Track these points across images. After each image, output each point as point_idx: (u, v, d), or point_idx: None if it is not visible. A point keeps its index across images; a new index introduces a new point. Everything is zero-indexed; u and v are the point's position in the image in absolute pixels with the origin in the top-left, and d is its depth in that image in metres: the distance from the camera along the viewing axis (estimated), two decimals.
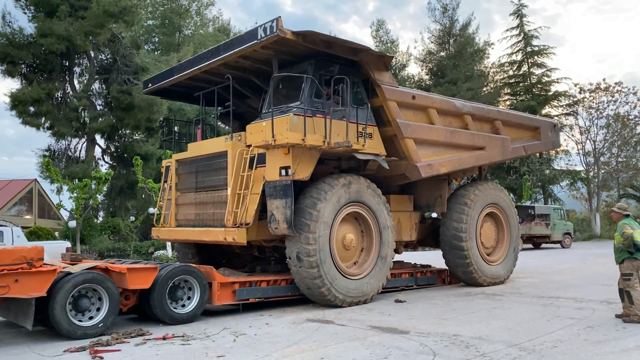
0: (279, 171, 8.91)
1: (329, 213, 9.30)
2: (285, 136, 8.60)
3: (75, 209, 21.36)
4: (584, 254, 24.14)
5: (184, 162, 11.07)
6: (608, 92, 40.07)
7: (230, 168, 9.57)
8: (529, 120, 14.39)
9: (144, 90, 12.37)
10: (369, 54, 9.96)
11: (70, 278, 7.30)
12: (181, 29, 40.57)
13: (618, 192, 45.65)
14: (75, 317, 7.41)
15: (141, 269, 8.09)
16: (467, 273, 11.99)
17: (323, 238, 9.15)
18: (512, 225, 13.04)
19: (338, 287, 9.34)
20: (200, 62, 10.27)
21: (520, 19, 43.51)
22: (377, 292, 10.18)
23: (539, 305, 9.51)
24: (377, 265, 10.08)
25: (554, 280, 13.21)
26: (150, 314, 8.40)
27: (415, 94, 11.04)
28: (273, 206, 8.92)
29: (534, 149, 14.54)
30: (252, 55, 9.67)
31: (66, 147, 30.15)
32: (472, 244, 11.83)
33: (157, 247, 27.26)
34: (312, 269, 9.02)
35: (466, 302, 10.06)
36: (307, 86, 9.50)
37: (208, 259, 11.51)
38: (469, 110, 12.17)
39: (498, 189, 13.07)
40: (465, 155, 11.82)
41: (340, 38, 9.63)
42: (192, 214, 10.68)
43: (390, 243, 10.31)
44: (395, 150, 10.65)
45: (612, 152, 41.03)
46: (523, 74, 44.07)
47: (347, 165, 10.56)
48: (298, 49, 9.40)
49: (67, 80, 28.97)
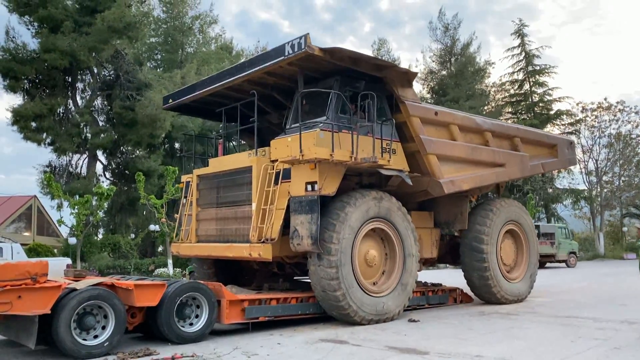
0: (305, 186, 8.84)
1: (356, 219, 9.22)
2: (314, 151, 8.57)
3: (76, 225, 21.04)
4: (591, 273, 23.82)
5: (206, 177, 10.96)
6: (610, 111, 40.17)
7: (255, 183, 9.50)
8: (546, 137, 14.40)
9: (164, 106, 12.36)
10: (394, 71, 10.00)
11: (75, 294, 6.99)
12: (184, 47, 40.66)
13: (621, 211, 45.46)
14: (80, 335, 7.07)
15: (149, 286, 7.78)
16: (488, 290, 11.83)
17: (347, 241, 9.02)
18: (532, 243, 12.89)
19: (354, 297, 9.11)
20: (224, 78, 10.27)
21: (521, 39, 43.76)
22: (393, 316, 9.87)
23: (557, 325, 9.21)
24: (396, 290, 9.88)
25: (567, 300, 12.92)
26: (156, 333, 8.07)
27: (438, 110, 11.04)
28: (297, 221, 8.82)
29: (552, 166, 14.46)
30: (277, 72, 9.72)
31: (67, 163, 29.97)
32: (494, 261, 11.67)
33: (157, 264, 26.90)
34: (331, 268, 8.85)
35: (482, 322, 9.74)
36: (334, 102, 9.52)
37: (225, 276, 11.40)
38: (490, 127, 12.17)
39: (518, 205, 12.93)
40: (486, 172, 11.77)
41: (367, 54, 9.71)
42: (214, 230, 10.55)
43: (413, 272, 10.12)
44: (417, 167, 10.58)
45: (615, 171, 40.93)
46: (525, 93, 44.18)
47: (369, 181, 10.46)
48: (323, 66, 9.45)
49: (69, 95, 28.90)
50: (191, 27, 41.14)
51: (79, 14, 26.62)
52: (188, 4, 40.77)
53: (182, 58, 39.15)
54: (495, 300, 11.97)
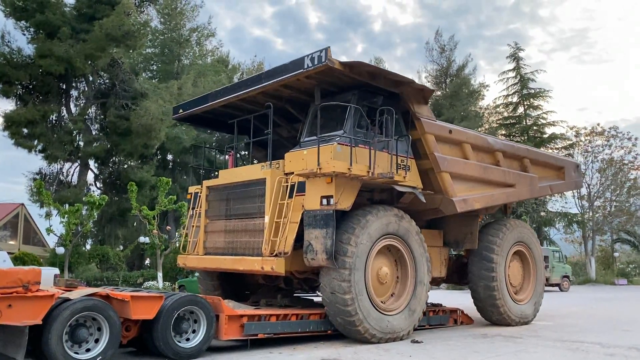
0: (320, 200, 8.69)
1: (376, 229, 9.16)
2: (332, 165, 8.50)
3: (65, 234, 20.52)
4: (586, 297, 23.63)
5: (216, 188, 10.76)
6: (603, 136, 40.47)
7: (268, 196, 9.33)
8: (554, 159, 14.43)
9: (174, 116, 12.16)
10: (410, 87, 9.92)
11: (68, 305, 6.60)
12: (180, 58, 40.54)
13: (611, 236, 45.55)
14: (72, 348, 6.66)
15: (146, 298, 7.40)
16: (496, 311, 11.72)
17: (363, 248, 8.95)
18: (538, 264, 12.82)
19: (365, 314, 8.90)
20: (239, 89, 10.13)
21: (516, 62, 44.11)
22: (402, 336, 9.67)
23: (565, 350, 8.93)
24: (403, 313, 9.70)
25: (569, 324, 12.69)
26: (151, 348, 7.67)
27: (452, 129, 11.01)
28: (312, 236, 8.65)
29: (559, 188, 14.58)
30: (294, 85, 9.65)
31: (58, 171, 29.43)
32: (502, 281, 11.60)
33: (146, 277, 26.38)
34: (344, 282, 8.68)
35: (487, 345, 9.45)
36: (351, 116, 9.45)
37: (230, 289, 11.26)
38: (501, 147, 12.17)
39: (525, 226, 12.90)
40: (497, 192, 11.74)
41: (386, 70, 9.64)
42: (222, 242, 10.34)
43: (421, 300, 9.98)
44: (430, 184, 10.49)
45: (606, 197, 41.08)
46: (519, 116, 44.39)
47: (380, 197, 10.34)
48: (341, 80, 9.38)
49: (63, 103, 28.50)
50: (188, 39, 41.13)
51: (76, 21, 26.36)
52: (186, 16, 40.82)
53: (178, 69, 39.03)
54: (501, 321, 11.83)
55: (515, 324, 11.91)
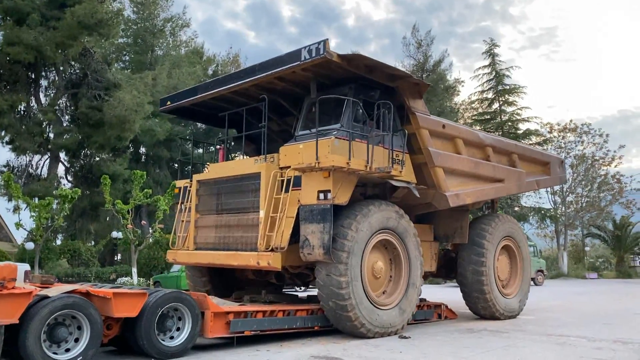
0: (317, 195, 8.63)
1: (377, 219, 9.21)
2: (331, 159, 8.40)
3: (35, 229, 19.77)
4: (561, 291, 24.00)
5: (206, 183, 10.56)
6: (575, 132, 41.19)
7: (263, 190, 9.22)
8: (540, 155, 14.69)
9: (160, 108, 11.92)
10: (406, 81, 9.88)
11: (47, 303, 6.21)
12: (154, 49, 39.60)
13: (582, 231, 46.49)
14: (50, 349, 6.28)
15: (128, 294, 7.06)
16: (485, 305, 11.81)
17: (362, 237, 8.95)
18: (525, 258, 13.01)
19: (362, 308, 8.92)
20: (231, 81, 9.99)
21: (492, 58, 44.51)
22: (397, 330, 9.71)
23: (553, 344, 8.93)
24: (393, 310, 9.68)
25: (551, 318, 12.80)
26: (134, 347, 7.33)
27: (445, 123, 11.06)
28: (308, 230, 8.62)
29: (545, 183, 14.81)
30: (288, 77, 9.53)
31: (27, 164, 28.37)
32: (491, 275, 11.72)
33: (119, 273, 25.74)
34: (341, 276, 8.68)
35: (474, 340, 9.39)
36: (349, 109, 9.36)
37: (219, 284, 11.17)
38: (491, 143, 12.28)
39: (513, 221, 13.03)
40: (487, 186, 11.84)
41: (384, 63, 9.51)
42: (213, 237, 10.18)
43: (412, 301, 10.02)
44: (422, 179, 10.51)
45: (577, 192, 41.85)
46: (494, 111, 44.84)
47: (372, 192, 10.31)
48: (337, 73, 9.28)
49: (32, 93, 27.44)
50: (162, 30, 40.19)
51: (46, 7, 25.32)
52: (160, 6, 39.87)
53: (152, 60, 38.10)
54: (489, 315, 11.94)
55: (503, 317, 12.00)
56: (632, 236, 43.91)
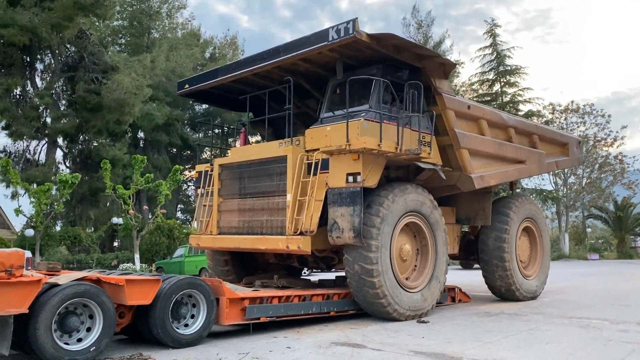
0: (346, 177, 8.49)
1: (412, 200, 9.25)
2: (362, 141, 8.28)
3: (35, 215, 19.38)
4: (566, 273, 23.83)
5: (229, 167, 10.47)
6: (578, 113, 40.83)
7: (290, 173, 9.11)
8: (559, 135, 14.64)
9: (178, 91, 11.67)
10: (433, 61, 9.64)
11: (57, 291, 5.88)
12: (150, 31, 38.88)
13: (583, 212, 46.41)
14: (61, 338, 5.97)
15: (142, 281, 6.73)
16: (507, 287, 11.79)
17: (398, 206, 8.93)
18: (545, 240, 12.98)
19: (391, 290, 8.88)
20: (254, 63, 9.71)
21: (493, 38, 43.92)
22: (427, 312, 9.67)
23: (576, 327, 8.70)
24: (416, 295, 9.56)
25: (566, 300, 12.61)
26: (147, 335, 7.03)
27: (470, 104, 10.92)
28: (337, 214, 8.51)
29: (564, 164, 14.80)
30: (313, 58, 9.30)
31: (24, 149, 27.84)
32: (513, 257, 11.67)
33: (121, 259, 25.46)
34: (371, 262, 8.58)
35: (495, 324, 9.13)
36: (377, 91, 9.16)
37: (240, 268, 11.17)
38: (513, 124, 12.16)
39: (533, 203, 13.00)
40: (510, 168, 11.76)
41: (413, 42, 9.44)
42: (236, 221, 10.11)
43: (434, 293, 9.84)
44: (447, 161, 10.38)
45: (578, 174, 41.62)
46: (495, 93, 44.38)
47: (396, 174, 10.17)
48: (364, 53, 9.05)
49: (27, 76, 26.81)
50: (158, 12, 39.43)
51: None
52: None
53: (148, 43, 37.42)
54: (510, 296, 11.95)
55: (523, 299, 12.00)
56: (634, 217, 43.88)
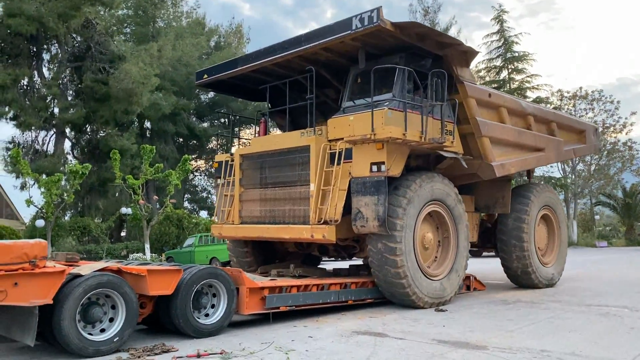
0: (370, 167, 8.54)
1: (438, 189, 9.36)
2: (388, 130, 8.31)
3: (46, 206, 19.39)
4: (577, 260, 23.73)
5: (250, 157, 10.55)
6: (586, 99, 40.51)
7: (313, 163, 9.19)
8: (577, 123, 14.66)
9: (197, 81, 11.70)
10: (455, 49, 9.56)
11: (80, 282, 5.85)
12: (155, 20, 38.65)
13: (590, 200, 46.21)
14: (85, 329, 5.96)
15: (163, 271, 6.70)
16: (526, 275, 11.85)
17: (424, 192, 9.00)
18: (562, 227, 13.04)
19: (415, 279, 8.92)
20: (274, 53, 9.73)
21: (500, 25, 43.50)
22: (450, 299, 9.73)
23: (596, 315, 8.65)
24: (437, 284, 9.58)
25: (581, 287, 12.56)
26: (167, 325, 7.02)
27: (491, 92, 10.91)
28: (361, 203, 8.57)
29: (581, 152, 14.80)
30: (335, 48, 9.28)
31: (33, 140, 27.81)
32: (531, 239, 11.75)
33: (130, 249, 25.53)
34: (395, 251, 8.62)
35: (513, 312, 9.09)
36: (401, 79, 9.16)
37: (262, 258, 11.28)
38: (532, 111, 12.11)
39: (551, 190, 13.02)
40: (529, 156, 11.78)
41: (437, 31, 9.45)
42: (258, 211, 10.23)
43: (454, 284, 9.84)
44: (467, 149, 10.34)
45: (586, 160, 41.37)
46: (503, 80, 44.02)
47: (416, 163, 10.12)
48: (386, 42, 9.03)
49: (34, 66, 26.70)
50: (164, 0, 39.14)
51: None
52: None
53: (154, 32, 37.22)
54: (529, 284, 12.03)
55: (542, 286, 12.07)
56: None
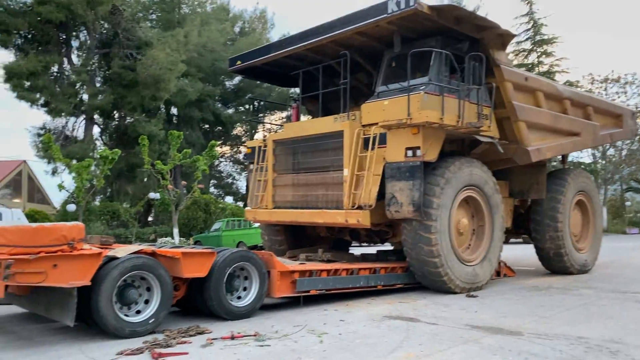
0: (405, 152, 8.47)
1: (476, 174, 9.34)
2: (424, 114, 8.22)
3: (77, 190, 19.79)
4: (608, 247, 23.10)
5: (283, 142, 10.64)
6: (619, 83, 39.41)
7: (347, 148, 9.18)
8: (613, 107, 14.40)
9: (230, 68, 11.80)
10: (492, 32, 9.39)
11: (117, 264, 5.96)
12: (180, 6, 38.74)
13: (621, 186, 45.17)
14: (121, 310, 6.09)
15: (197, 254, 6.79)
16: (558, 256, 11.75)
17: (463, 174, 9.00)
18: (597, 213, 12.86)
19: (450, 264, 8.88)
20: (308, 38, 9.70)
21: (530, 6, 42.45)
22: (484, 284, 9.73)
23: (631, 302, 8.52)
24: (471, 269, 9.55)
25: (613, 274, 12.35)
26: (201, 308, 7.13)
27: (527, 76, 10.79)
28: (396, 188, 8.53)
29: (618, 136, 14.60)
30: (370, 32, 9.18)
31: (63, 126, 28.31)
32: (567, 231, 11.63)
33: (159, 234, 25.93)
34: (430, 234, 8.64)
35: (546, 298, 8.98)
36: (437, 63, 9.04)
37: (294, 242, 11.41)
38: (569, 95, 11.91)
39: (586, 176, 12.85)
40: (565, 141, 11.70)
41: (474, 13, 9.19)
42: (291, 195, 10.33)
43: (486, 272, 9.80)
44: (503, 133, 10.29)
45: (617, 146, 40.34)
46: (532, 63, 43.05)
47: (450, 148, 9.96)
48: (423, 25, 8.90)
49: (64, 53, 27.09)
50: None
51: None
52: None
53: (179, 18, 37.33)
54: (563, 270, 11.96)
55: (576, 272, 11.96)
56: None
